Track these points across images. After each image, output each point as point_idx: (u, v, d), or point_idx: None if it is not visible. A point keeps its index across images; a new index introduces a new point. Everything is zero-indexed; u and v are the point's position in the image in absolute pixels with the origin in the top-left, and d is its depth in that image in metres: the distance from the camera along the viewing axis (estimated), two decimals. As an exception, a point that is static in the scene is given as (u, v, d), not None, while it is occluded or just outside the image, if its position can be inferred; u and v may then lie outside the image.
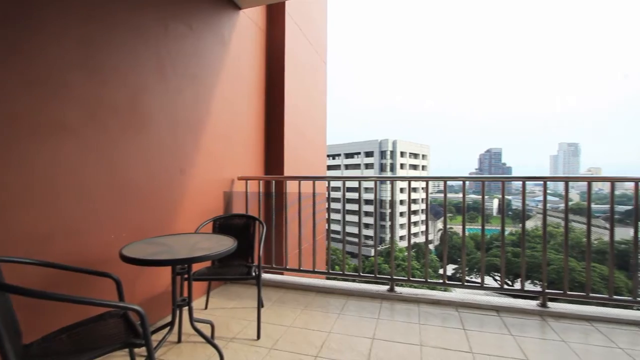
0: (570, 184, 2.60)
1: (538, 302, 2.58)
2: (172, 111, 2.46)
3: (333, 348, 2.01)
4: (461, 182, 2.70)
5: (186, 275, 1.92)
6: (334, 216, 3.17)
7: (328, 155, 61.18)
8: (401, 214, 41.94)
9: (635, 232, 2.27)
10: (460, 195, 2.66)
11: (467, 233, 2.86)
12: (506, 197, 2.63)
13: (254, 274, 2.23)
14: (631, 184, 2.36)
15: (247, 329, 2.26)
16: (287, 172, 3.76)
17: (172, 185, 2.48)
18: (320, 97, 5.22)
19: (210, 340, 1.92)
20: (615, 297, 2.50)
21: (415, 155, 58.87)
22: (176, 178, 2.52)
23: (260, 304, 2.22)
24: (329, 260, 3.12)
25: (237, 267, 2.43)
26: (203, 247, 1.82)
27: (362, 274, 3.01)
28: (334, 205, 3.24)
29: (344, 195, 2.84)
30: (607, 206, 2.29)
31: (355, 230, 3.11)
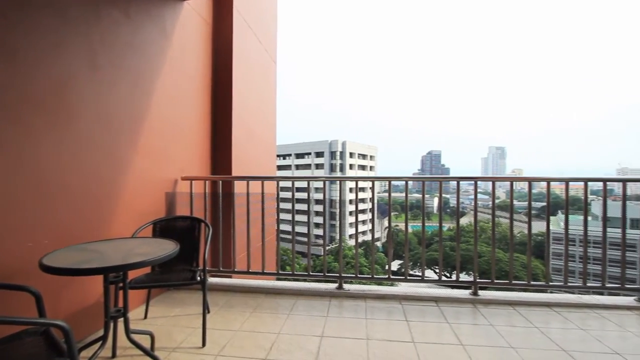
0: (497, 183, 2.90)
1: (471, 291, 2.83)
2: (106, 105, 2.25)
3: (282, 349, 2.00)
4: (404, 182, 2.86)
5: (121, 284, 1.77)
6: (284, 216, 3.16)
7: (278, 155, 60.78)
8: (350, 213, 43.15)
9: (548, 225, 2.61)
10: (403, 194, 2.82)
11: (410, 230, 3.03)
12: (444, 195, 2.85)
13: (198, 278, 2.13)
14: (557, 183, 2.71)
15: (191, 336, 2.15)
16: (236, 172, 3.65)
17: (106, 186, 2.27)
18: (270, 97, 5.16)
19: (149, 352, 1.80)
20: (533, 282, 2.84)
21: (364, 156, 61.00)
22: (110, 178, 2.31)
23: (205, 310, 2.12)
24: (278, 261, 3.10)
25: (180, 272, 2.30)
26: (140, 252, 1.68)
27: (311, 274, 3.03)
28: (284, 205, 3.22)
29: (293, 195, 2.84)
30: (526, 203, 2.62)
31: (305, 230, 3.13)
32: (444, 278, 3.01)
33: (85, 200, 2.10)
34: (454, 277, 2.95)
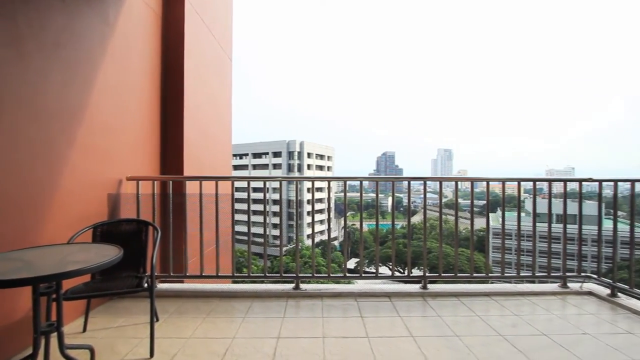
0: (445, 182, 3.11)
1: (421, 285, 2.99)
2: (34, 97, 2.02)
3: (237, 354, 1.95)
4: (359, 182, 2.95)
5: (54, 295, 1.60)
6: (240, 217, 3.09)
7: (235, 155, 59.13)
8: (308, 213, 43.32)
9: (487, 221, 2.84)
10: (363, 193, 2.91)
11: (367, 228, 3.13)
12: (398, 195, 2.98)
13: (145, 285, 2.00)
14: (495, 183, 2.96)
15: (138, 347, 2.01)
16: (188, 172, 3.48)
17: (36, 186, 2.04)
18: (225, 94, 5.00)
19: (88, 368, 1.65)
20: (475, 275, 3.08)
21: (322, 157, 61.59)
22: (41, 178, 2.08)
23: (154, 318, 1.99)
24: (233, 264, 3.02)
25: (125, 279, 2.14)
26: (77, 259, 1.54)
27: (268, 275, 3.00)
28: (240, 206, 3.15)
29: (249, 195, 2.78)
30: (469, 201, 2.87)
31: (262, 230, 3.08)
32: (397, 274, 3.15)
33: (10, 203, 1.87)
34: (406, 273, 3.09)
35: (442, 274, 2.99)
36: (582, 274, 3.05)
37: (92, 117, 2.49)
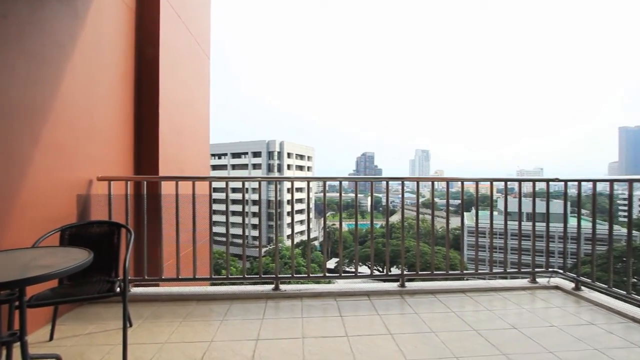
0: (422, 182, 3.18)
1: (399, 283, 3.04)
2: (-4, 92, 1.90)
3: (215, 357, 1.92)
4: (338, 183, 2.96)
5: (17, 303, 1.51)
6: (218, 218, 3.03)
7: (213, 155, 57.97)
8: (288, 214, 43.13)
9: (462, 220, 2.93)
10: (343, 194, 2.93)
11: (347, 228, 3.15)
12: (377, 194, 3.02)
13: (118, 289, 1.93)
14: (469, 183, 3.06)
15: (109, 355, 1.93)
16: (163, 172, 3.38)
17: (-4, 188, 1.92)
18: (202, 92, 4.89)
19: (55, 378, 1.57)
20: (450, 272, 3.17)
21: (302, 157, 61.49)
22: (0, 179, 1.96)
23: (127, 323, 1.92)
24: (211, 265, 2.96)
25: (95, 284, 2.05)
26: (43, 264, 1.46)
27: (246, 276, 2.96)
28: (218, 206, 3.09)
29: (227, 196, 2.73)
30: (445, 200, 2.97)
31: (241, 231, 3.04)
32: (376, 273, 3.19)
33: (-33, 206, 1.75)
34: (385, 272, 3.13)
35: (420, 272, 3.06)
36: (550, 269, 3.20)
37: (60, 114, 2.37)
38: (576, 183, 3.02)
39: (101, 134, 2.84)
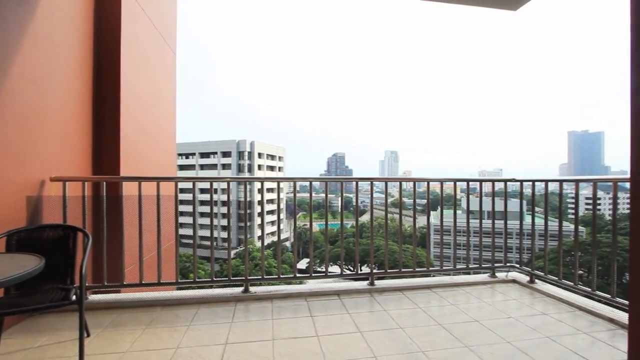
0: (391, 182, 3.27)
1: (368, 282, 3.10)
2: None
3: (181, 364, 1.85)
4: (309, 183, 2.97)
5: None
6: (186, 220, 2.93)
7: (181, 154, 55.90)
8: (258, 214, 42.54)
9: (428, 219, 3.04)
10: (314, 194, 2.94)
11: (318, 228, 3.16)
12: (348, 195, 3.05)
13: (74, 297, 1.81)
14: (435, 183, 3.18)
15: (63, 368, 1.80)
16: (125, 171, 3.21)
17: None
18: (169, 89, 4.70)
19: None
20: (417, 269, 3.27)
21: (272, 157, 60.90)
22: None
23: (83, 333, 1.81)
24: (177, 269, 2.85)
25: (48, 292, 1.91)
26: (-14, 272, 1.34)
27: (215, 279, 2.88)
28: (186, 208, 2.98)
29: (194, 197, 2.65)
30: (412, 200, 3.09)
31: (209, 233, 2.95)
32: (347, 272, 3.22)
33: None
34: (355, 271, 3.18)
35: (388, 270, 3.14)
36: (508, 264, 3.41)
37: (6, 109, 2.19)
38: (531, 183, 3.24)
39: (54, 131, 2.65)
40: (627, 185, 1.74)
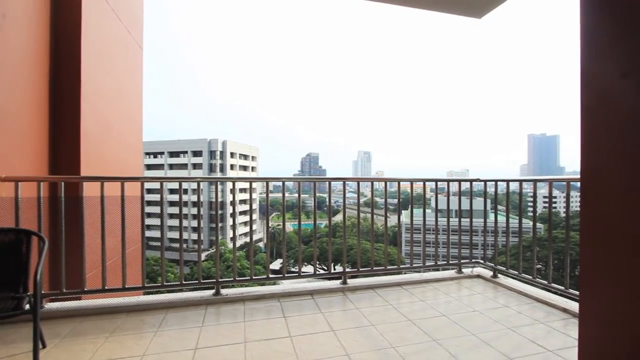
0: (364, 182, 3.32)
1: (341, 280, 3.13)
2: None
3: (147, 372, 1.78)
4: (282, 183, 2.95)
5: None
6: (154, 222, 2.81)
7: (149, 154, 53.62)
8: (230, 215, 41.70)
9: (399, 217, 3.12)
10: (288, 194, 2.91)
11: (291, 229, 3.15)
12: (321, 195, 3.06)
13: (27, 306, 1.68)
14: (405, 183, 3.26)
15: (15, 382, 1.68)
16: (87, 171, 3.03)
17: None
18: (134, 85, 4.50)
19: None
20: (389, 267, 3.35)
21: (245, 157, 59.92)
22: None
23: (38, 344, 1.69)
24: (144, 273, 2.73)
25: (-3, 301, 1.76)
26: None
27: (184, 282, 2.79)
28: (155, 209, 2.86)
29: (162, 197, 2.54)
30: (390, 200, 3.21)
31: (184, 235, 2.85)
32: (320, 271, 3.24)
33: None
34: (329, 270, 3.20)
35: (360, 269, 3.19)
36: (473, 260, 3.57)
37: (-52, 103, 2.00)
38: (494, 182, 3.41)
39: (5, 128, 2.46)
40: (579, 184, 1.88)
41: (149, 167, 53.14)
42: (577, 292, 2.53)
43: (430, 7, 3.11)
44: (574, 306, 2.52)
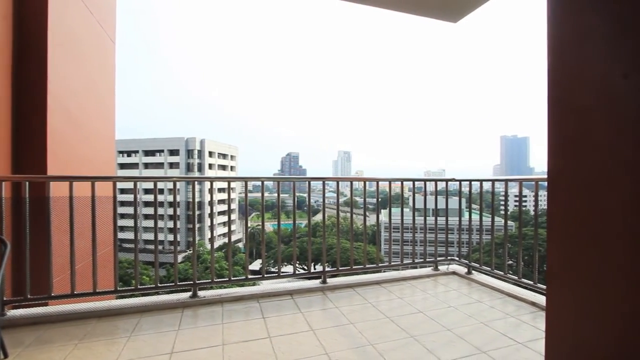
0: (343, 182, 3.35)
1: (321, 280, 3.14)
2: None
3: (120, 379, 1.71)
4: (261, 183, 2.93)
5: None
6: (128, 223, 2.71)
7: (122, 152, 51.64)
8: (209, 215, 40.88)
9: (377, 217, 3.17)
10: (268, 194, 2.89)
11: (271, 229, 3.13)
12: (301, 194, 3.06)
13: (-13, 314, 1.58)
14: (384, 183, 3.31)
15: (-26, 395, 1.57)
16: (54, 170, 2.88)
17: None
18: (106, 81, 4.31)
19: None
20: (368, 266, 3.39)
21: (224, 156, 58.88)
22: None
23: (0, 354, 1.59)
24: (116, 276, 2.63)
25: (-48, 310, 1.64)
26: None
27: (160, 285, 2.71)
28: (128, 210, 2.75)
29: (135, 198, 2.46)
30: (369, 199, 3.25)
31: (161, 236, 2.77)
32: (300, 271, 3.23)
33: None
34: (308, 270, 3.20)
35: (340, 268, 3.21)
36: (449, 257, 3.68)
37: None
38: (468, 182, 3.53)
39: (-38, 124, 2.30)
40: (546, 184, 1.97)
41: (123, 166, 51.14)
42: (544, 287, 2.66)
43: (408, 10, 3.17)
44: (542, 299, 2.65)
